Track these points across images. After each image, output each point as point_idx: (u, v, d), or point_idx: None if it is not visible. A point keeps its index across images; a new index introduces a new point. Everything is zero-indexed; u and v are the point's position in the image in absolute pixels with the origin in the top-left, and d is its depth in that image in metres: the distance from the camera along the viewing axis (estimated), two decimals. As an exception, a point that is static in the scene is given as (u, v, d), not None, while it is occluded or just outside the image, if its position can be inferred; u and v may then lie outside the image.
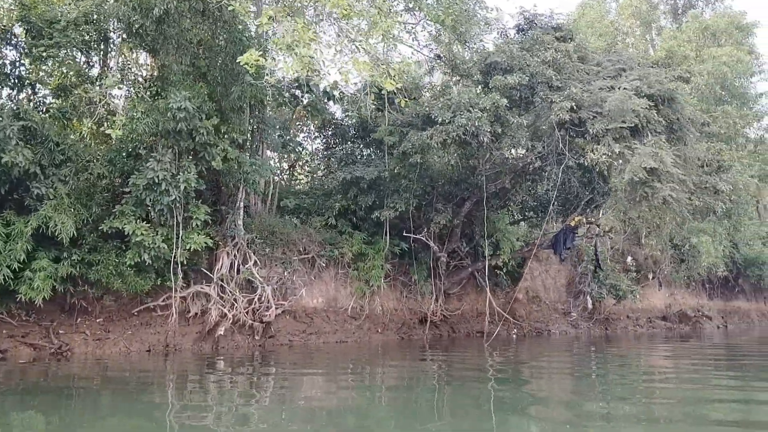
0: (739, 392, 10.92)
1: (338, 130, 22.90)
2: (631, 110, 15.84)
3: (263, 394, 10.73)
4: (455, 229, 22.00)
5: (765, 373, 13.76)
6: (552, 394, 11.29)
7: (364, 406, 9.71)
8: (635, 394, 10.87)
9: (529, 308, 26.39)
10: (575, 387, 12.07)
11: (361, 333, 19.70)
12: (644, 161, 15.32)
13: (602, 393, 11.02)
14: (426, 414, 8.95)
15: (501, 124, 16.56)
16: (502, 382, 12.27)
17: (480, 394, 10.61)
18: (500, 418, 8.57)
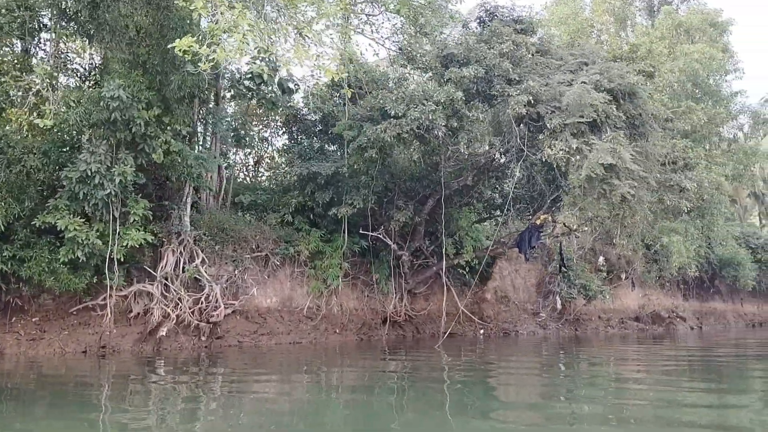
0: (711, 395, 10.46)
1: (303, 126, 22.27)
2: (589, 105, 15.32)
3: (209, 396, 10.14)
4: (418, 227, 21.44)
5: (735, 378, 13.25)
6: (513, 396, 10.81)
7: (318, 410, 9.17)
8: (601, 397, 10.35)
9: (498, 308, 25.88)
10: (539, 389, 11.56)
11: (317, 334, 19.08)
12: (601, 157, 14.81)
13: (567, 395, 10.49)
14: (383, 418, 8.41)
15: (458, 119, 16.00)
16: (464, 384, 11.79)
17: (438, 396, 10.10)
18: (459, 421, 8.08)
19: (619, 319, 30.21)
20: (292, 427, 7.86)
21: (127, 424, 7.85)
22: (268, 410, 8.99)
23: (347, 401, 9.93)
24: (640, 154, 16.46)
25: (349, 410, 9.10)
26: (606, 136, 15.37)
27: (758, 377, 13.37)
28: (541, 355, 18.60)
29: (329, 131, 19.83)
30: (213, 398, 9.96)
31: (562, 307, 26.83)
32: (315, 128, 21.88)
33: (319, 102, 20.99)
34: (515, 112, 15.47)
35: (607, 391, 11.02)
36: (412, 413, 8.75)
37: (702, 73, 24.67)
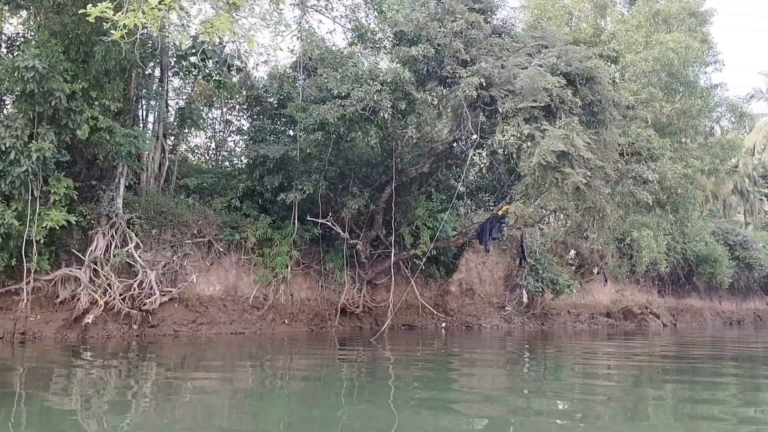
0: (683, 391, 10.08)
1: (263, 108, 21.37)
2: (543, 88, 14.54)
3: (141, 387, 9.48)
4: (376, 216, 20.64)
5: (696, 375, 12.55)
6: (455, 387, 10.24)
7: (259, 404, 8.55)
8: (555, 393, 9.67)
9: (462, 301, 25.18)
10: (480, 385, 10.88)
11: (263, 324, 18.31)
12: (553, 144, 14.03)
13: (522, 390, 9.84)
14: (327, 412, 7.87)
15: (407, 101, 15.18)
16: (414, 378, 11.10)
17: (383, 389, 9.63)
18: (404, 415, 7.63)
19: (589, 315, 29.56)
20: (231, 422, 7.27)
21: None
22: (206, 403, 8.36)
23: (291, 394, 9.35)
24: (598, 143, 15.71)
25: (293, 403, 8.55)
26: (560, 122, 14.59)
27: (716, 376, 12.69)
28: (496, 349, 17.93)
29: (284, 113, 18.98)
30: (145, 389, 9.30)
31: (528, 301, 26.14)
32: (273, 110, 21.03)
33: (277, 83, 20.14)
34: (465, 94, 14.66)
35: (558, 388, 10.34)
36: (350, 407, 8.29)
37: (677, 62, 23.86)
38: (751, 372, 13.35)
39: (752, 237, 37.07)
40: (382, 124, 15.55)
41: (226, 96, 20.28)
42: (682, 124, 26.98)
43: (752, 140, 48.44)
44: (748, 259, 36.08)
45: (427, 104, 15.30)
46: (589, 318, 29.40)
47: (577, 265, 29.49)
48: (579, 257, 29.36)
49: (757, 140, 47.52)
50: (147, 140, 15.08)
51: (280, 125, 20.45)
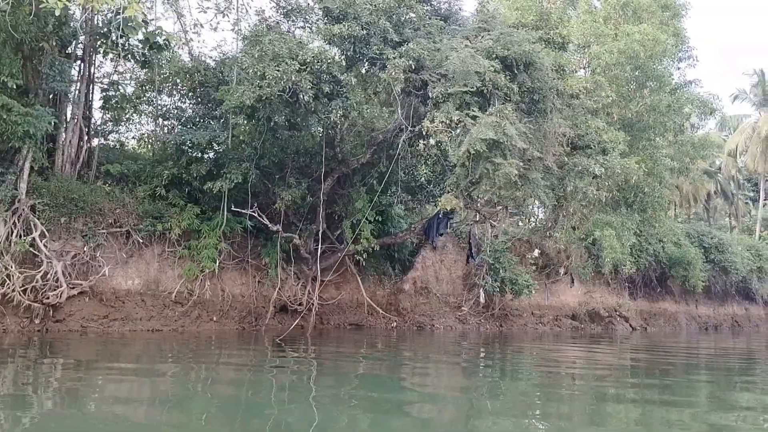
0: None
1: (203, 91, 20.23)
2: (475, 72, 13.48)
3: (42, 389, 8.58)
4: (318, 209, 19.58)
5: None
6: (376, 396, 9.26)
7: (176, 407, 7.81)
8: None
9: (416, 300, 24.14)
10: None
11: (186, 321, 17.23)
12: (482, 132, 12.98)
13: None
14: (247, 415, 7.41)
15: (333, 83, 14.11)
16: (341, 381, 10.34)
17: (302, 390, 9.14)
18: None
19: (553, 317, 28.58)
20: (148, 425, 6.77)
21: None
22: (118, 411, 7.50)
23: (214, 396, 8.74)
24: (537, 132, 14.67)
25: (214, 406, 7.98)
26: (493, 109, 13.53)
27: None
28: (436, 351, 16.88)
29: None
30: (45, 392, 8.36)
31: (486, 301, 25.12)
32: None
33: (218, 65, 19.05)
34: (392, 77, 13.59)
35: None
36: (267, 407, 7.87)
37: (643, 55, 22.84)
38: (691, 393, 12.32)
39: (728, 240, 36.04)
40: (308, 109, 14.42)
41: (165, 80, 19.14)
42: (652, 121, 26.01)
43: (735, 141, 47.48)
44: (724, 262, 35.10)
45: (352, 87, 14.20)
46: (553, 320, 28.41)
47: (542, 265, 28.48)
48: (544, 257, 28.34)
49: (740, 142, 46.53)
50: (48, 121, 13.91)
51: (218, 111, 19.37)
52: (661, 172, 25.29)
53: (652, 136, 26.05)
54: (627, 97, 24.58)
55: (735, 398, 10.36)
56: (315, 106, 14.21)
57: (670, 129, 25.98)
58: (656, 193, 25.98)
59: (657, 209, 26.63)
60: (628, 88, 24.25)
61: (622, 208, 25.81)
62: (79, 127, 16.35)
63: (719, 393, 10.96)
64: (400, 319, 23.25)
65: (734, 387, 11.85)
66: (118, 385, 9.30)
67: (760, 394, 10.90)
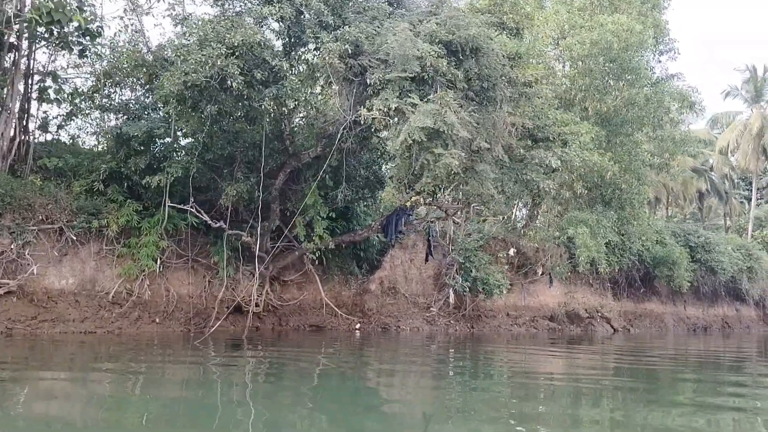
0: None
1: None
2: (414, 57, 12.63)
3: None
4: (272, 205, 18.76)
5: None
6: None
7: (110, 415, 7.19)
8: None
9: (382, 301, 23.28)
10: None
11: (124, 323, 16.39)
12: (420, 120, 12.13)
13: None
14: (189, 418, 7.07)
15: (266, 69, 13.27)
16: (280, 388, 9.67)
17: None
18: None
19: (530, 318, 27.67)
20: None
21: None
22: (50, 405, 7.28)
23: (155, 397, 8.35)
24: (487, 122, 13.81)
25: (155, 407, 7.64)
26: (434, 96, 12.68)
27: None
28: (392, 353, 16.04)
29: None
30: None
31: (455, 301, 24.27)
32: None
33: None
34: (325, 62, 12.75)
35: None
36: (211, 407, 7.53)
37: (616, 46, 21.95)
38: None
39: (715, 239, 35.09)
40: (240, 97, 13.56)
41: (129, 73, 18.24)
42: (630, 115, 25.15)
43: (726, 139, 46.53)
44: (711, 262, 34.13)
45: (285, 74, 13.34)
46: (530, 321, 27.50)
47: (518, 265, 27.62)
48: (520, 256, 27.46)
49: (731, 139, 45.58)
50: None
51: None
52: (639, 168, 24.40)
53: (629, 131, 25.16)
54: (602, 90, 23.70)
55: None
56: (249, 94, 13.33)
57: (648, 123, 25.08)
58: (634, 190, 25.12)
59: (636, 207, 25.74)
60: (603, 81, 23.36)
61: (598, 205, 24.95)
62: (12, 119, 15.52)
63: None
64: (365, 321, 22.40)
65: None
66: (51, 384, 8.82)
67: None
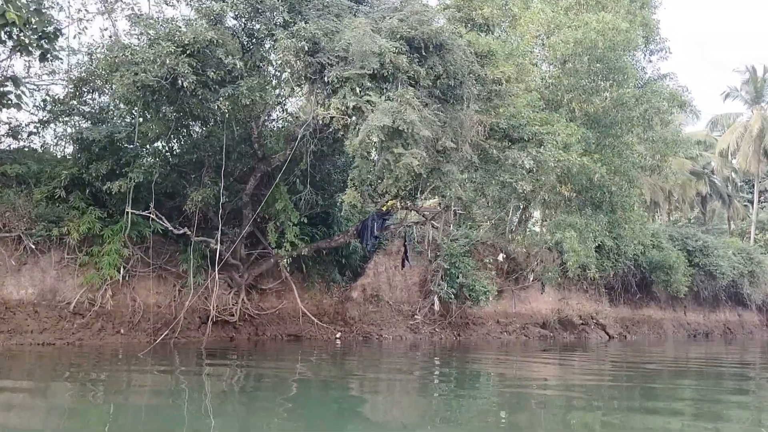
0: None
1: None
2: (373, 53, 12.08)
3: None
4: (244, 211, 18.25)
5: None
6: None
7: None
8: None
9: (365, 309, 22.68)
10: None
11: (86, 334, 15.85)
12: (378, 118, 11.57)
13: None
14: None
15: (218, 68, 12.76)
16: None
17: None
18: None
19: (521, 325, 26.96)
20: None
21: None
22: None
23: (119, 407, 8.14)
24: (453, 121, 13.24)
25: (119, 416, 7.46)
26: (394, 94, 12.12)
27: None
28: (367, 364, 15.44)
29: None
30: None
31: (441, 309, 23.62)
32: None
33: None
34: (282, 60, 12.23)
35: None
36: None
37: (601, 45, 21.34)
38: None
39: (713, 243, 34.26)
40: (193, 97, 13.04)
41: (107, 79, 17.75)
42: (620, 117, 24.49)
43: (726, 141, 45.70)
44: (709, 266, 33.30)
45: (241, 73, 12.80)
46: (520, 329, 26.79)
47: (508, 270, 26.96)
48: (510, 261, 26.80)
49: (731, 141, 44.76)
50: None
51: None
52: (629, 170, 23.72)
53: (619, 132, 24.48)
54: (588, 90, 23.07)
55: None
56: (204, 95, 12.81)
57: (638, 124, 24.41)
58: (624, 193, 24.43)
59: (627, 210, 25.03)
60: (589, 81, 22.73)
61: (587, 209, 24.27)
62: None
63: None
64: (347, 329, 21.80)
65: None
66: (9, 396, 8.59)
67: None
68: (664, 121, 24.49)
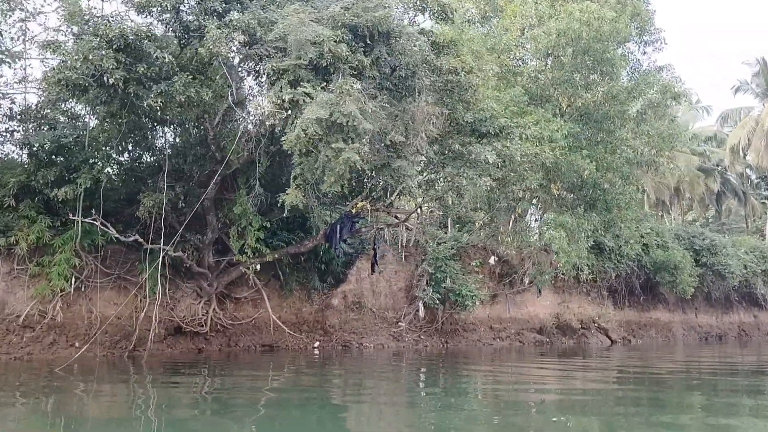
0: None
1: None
2: (310, 42, 11.26)
3: None
4: (207, 217, 17.51)
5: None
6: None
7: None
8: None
9: (345, 317, 21.80)
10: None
11: (36, 348, 15.17)
12: (314, 111, 10.74)
13: None
14: None
15: (146, 62, 12.01)
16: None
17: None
18: None
19: (515, 330, 25.86)
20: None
21: None
22: None
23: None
24: (405, 114, 12.36)
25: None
26: (335, 85, 11.28)
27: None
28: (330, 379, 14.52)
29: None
30: None
31: (428, 315, 22.66)
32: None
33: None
34: (211, 52, 11.44)
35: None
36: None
37: (585, 36, 20.30)
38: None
39: (722, 242, 32.86)
40: (122, 94, 12.29)
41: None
42: (613, 111, 23.39)
43: (738, 136, 44.09)
44: (717, 265, 31.90)
45: (173, 68, 12.04)
46: (515, 334, 25.70)
47: (502, 274, 25.92)
48: (503, 264, 25.76)
49: (742, 136, 43.19)
50: None
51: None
52: (622, 166, 22.57)
53: (612, 127, 23.36)
54: (575, 84, 22.00)
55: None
56: (136, 92, 12.06)
57: (631, 118, 23.29)
58: (617, 190, 23.28)
59: (622, 208, 23.85)
60: (575, 74, 21.67)
61: (579, 208, 23.15)
62: None
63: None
64: (326, 338, 20.93)
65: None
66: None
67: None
68: (658, 114, 23.31)
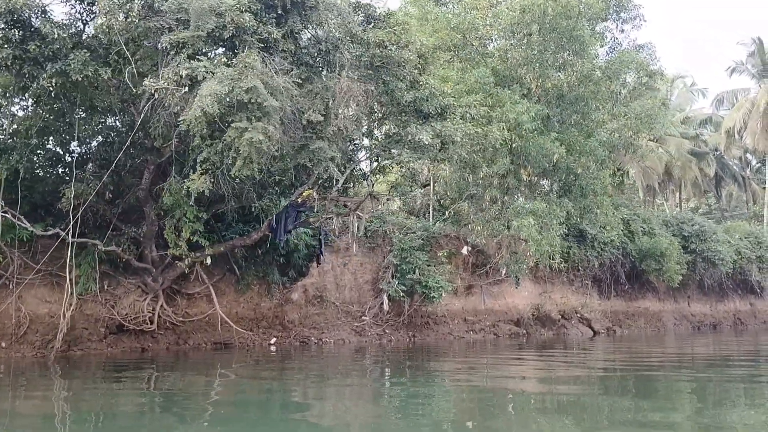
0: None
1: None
2: (211, 11, 10.25)
3: None
4: (144, 209, 16.58)
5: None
6: None
7: None
8: None
9: (306, 311, 20.86)
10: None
11: (-48, 349, 14.32)
12: (211, 87, 9.74)
13: None
14: None
15: (41, 39, 11.04)
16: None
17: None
18: None
19: (491, 323, 24.85)
20: None
21: None
22: None
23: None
24: (325, 91, 11.34)
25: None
26: (238, 58, 10.27)
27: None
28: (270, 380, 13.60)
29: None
30: None
31: (395, 308, 21.70)
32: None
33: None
34: (105, 26, 10.46)
35: None
36: None
37: (551, 12, 19.15)
38: None
39: (711, 227, 31.66)
40: (20, 75, 11.35)
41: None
42: (588, 92, 22.26)
43: (733, 119, 42.69)
44: (706, 252, 30.71)
45: (67, 44, 11.05)
46: (490, 327, 24.69)
47: (476, 264, 24.90)
48: (477, 254, 24.73)
49: (738, 118, 41.80)
50: None
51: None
52: (595, 150, 21.45)
53: (585, 109, 22.24)
54: (545, 64, 20.88)
55: None
56: (31, 72, 11.10)
57: (605, 99, 22.16)
58: (591, 175, 22.18)
59: (598, 193, 22.76)
60: (542, 53, 20.54)
61: (552, 194, 22.09)
62: None
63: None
64: (284, 334, 19.99)
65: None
66: None
67: None
68: (635, 94, 22.16)
